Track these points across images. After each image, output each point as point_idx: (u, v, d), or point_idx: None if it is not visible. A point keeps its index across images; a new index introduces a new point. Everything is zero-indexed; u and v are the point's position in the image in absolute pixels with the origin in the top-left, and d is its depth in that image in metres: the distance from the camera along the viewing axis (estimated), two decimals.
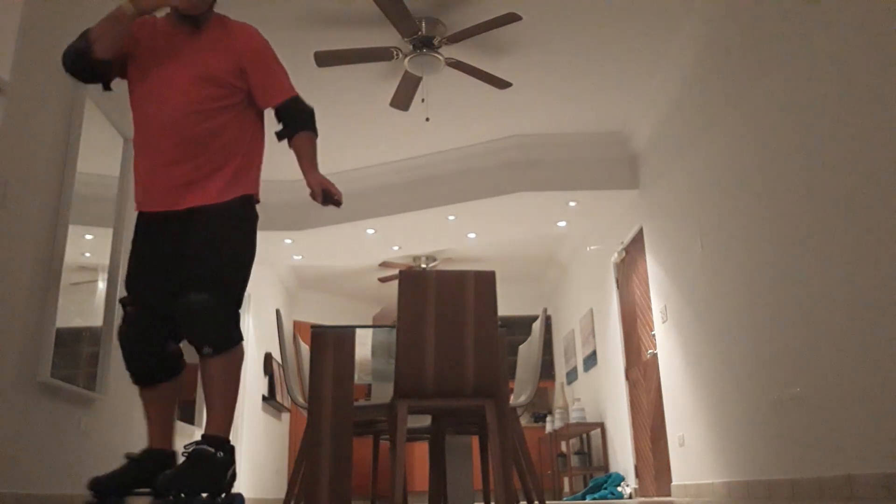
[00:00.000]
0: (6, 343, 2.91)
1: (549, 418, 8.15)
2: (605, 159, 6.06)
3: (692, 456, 4.81)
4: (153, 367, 2.28)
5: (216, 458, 2.09)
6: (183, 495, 1.99)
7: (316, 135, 2.48)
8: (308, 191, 6.63)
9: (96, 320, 3.77)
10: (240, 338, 2.27)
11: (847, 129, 3.01)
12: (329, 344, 3.09)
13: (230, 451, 2.16)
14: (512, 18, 4.16)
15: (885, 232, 2.76)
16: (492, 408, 2.66)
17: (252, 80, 2.39)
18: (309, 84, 5.12)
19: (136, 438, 4.28)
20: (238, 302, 2.28)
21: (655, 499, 5.50)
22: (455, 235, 7.03)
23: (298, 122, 2.43)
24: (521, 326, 9.45)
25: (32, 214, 3.15)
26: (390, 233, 6.88)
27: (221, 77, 2.33)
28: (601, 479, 6.50)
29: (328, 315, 9.88)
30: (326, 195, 2.39)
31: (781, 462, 3.57)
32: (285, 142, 2.47)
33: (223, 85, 2.33)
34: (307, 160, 2.43)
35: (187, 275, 2.20)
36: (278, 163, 6.27)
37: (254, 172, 2.42)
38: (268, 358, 7.98)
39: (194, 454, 2.07)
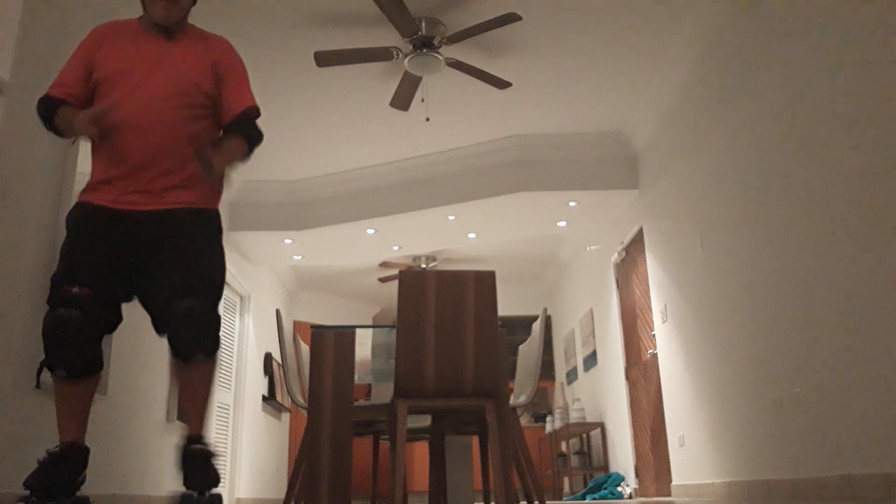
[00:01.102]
0: (6, 344, 2.91)
1: (549, 418, 8.16)
2: (605, 159, 6.06)
3: (692, 456, 4.81)
4: (89, 359, 2.16)
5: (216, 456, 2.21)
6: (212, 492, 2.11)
7: (249, 148, 2.39)
8: (308, 191, 6.65)
9: None
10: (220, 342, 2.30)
11: (847, 128, 3.01)
12: (329, 344, 3.09)
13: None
14: (512, 18, 4.15)
15: (885, 232, 2.77)
16: (492, 408, 2.66)
17: (225, 90, 2.41)
18: (309, 84, 5.12)
19: (136, 438, 4.28)
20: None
21: (655, 499, 5.50)
22: (455, 235, 7.03)
23: (243, 127, 2.40)
24: (521, 326, 9.45)
25: (32, 214, 3.15)
26: (390, 233, 6.88)
27: (200, 85, 2.35)
28: (601, 479, 6.50)
29: (328, 315, 9.88)
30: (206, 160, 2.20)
31: (781, 462, 3.57)
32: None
33: (200, 94, 2.35)
34: (227, 149, 2.31)
35: (182, 279, 2.18)
36: (277, 163, 6.27)
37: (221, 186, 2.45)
38: (268, 358, 7.98)
39: (204, 452, 2.15)
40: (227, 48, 2.47)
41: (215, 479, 2.14)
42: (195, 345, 2.17)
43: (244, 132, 2.38)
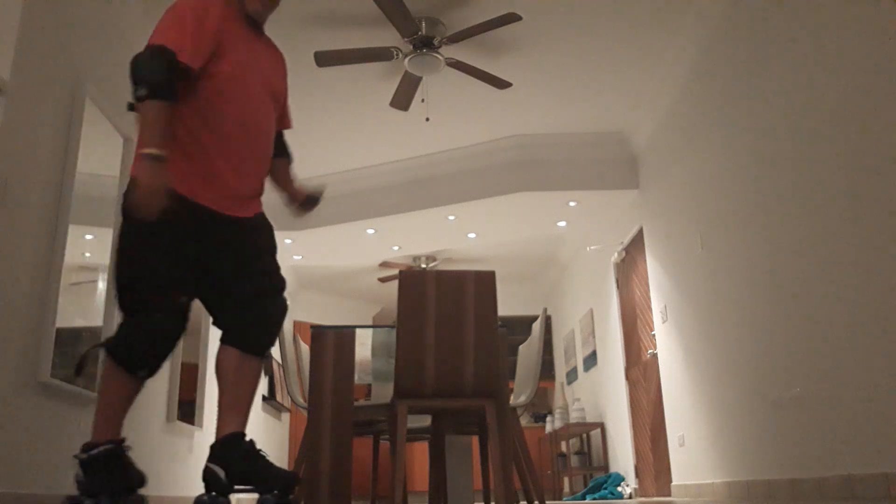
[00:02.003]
0: (6, 343, 2.91)
1: (549, 418, 8.15)
2: (605, 159, 6.06)
3: (692, 456, 4.81)
4: (162, 363, 2.15)
5: None
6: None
7: None
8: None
9: (96, 320, 3.77)
10: None
11: (847, 128, 3.01)
12: (329, 344, 3.09)
13: None
14: (512, 18, 4.15)
15: (885, 231, 2.76)
16: (492, 408, 2.66)
17: (283, 104, 2.48)
18: (309, 84, 5.12)
19: (136, 438, 4.28)
20: None
21: (655, 499, 5.50)
22: (455, 235, 7.03)
23: (288, 151, 2.55)
24: (521, 326, 9.45)
25: (32, 214, 3.15)
26: (390, 233, 6.88)
27: (283, 96, 2.42)
28: (601, 479, 6.50)
29: (328, 315, 9.88)
30: (310, 199, 2.49)
31: (781, 462, 3.57)
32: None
33: (280, 105, 2.41)
34: (293, 181, 2.54)
35: (268, 282, 2.26)
36: None
37: None
38: (268, 358, 7.97)
39: (256, 451, 2.19)
40: (285, 63, 2.52)
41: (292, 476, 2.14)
42: (269, 342, 2.28)
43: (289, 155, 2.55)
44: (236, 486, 2.11)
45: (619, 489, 6.26)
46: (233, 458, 2.13)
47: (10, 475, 2.90)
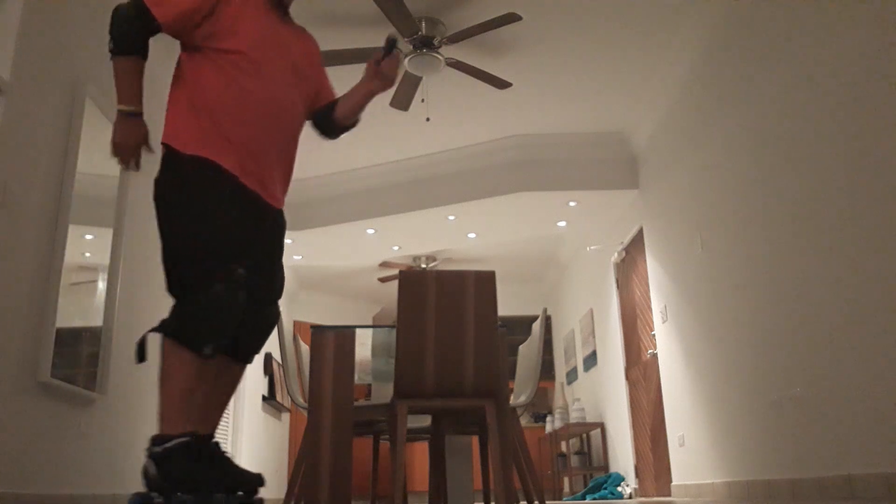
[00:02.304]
0: (6, 343, 2.91)
1: (549, 418, 8.15)
2: (605, 159, 6.06)
3: (692, 456, 4.81)
4: (226, 339, 1.99)
5: None
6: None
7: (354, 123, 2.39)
8: (308, 191, 6.64)
9: (96, 320, 3.77)
10: None
11: (847, 128, 3.01)
12: (329, 344, 3.09)
13: None
14: (512, 18, 4.15)
15: (884, 231, 2.77)
16: (492, 408, 2.66)
17: (324, 80, 2.33)
18: None
19: (136, 438, 4.28)
20: None
21: (655, 499, 5.50)
22: (455, 235, 7.03)
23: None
24: (521, 326, 9.45)
25: (32, 214, 3.15)
26: (390, 233, 6.88)
27: (314, 81, 2.27)
28: (601, 479, 6.50)
29: (328, 315, 9.88)
30: (386, 50, 2.18)
31: (781, 462, 3.57)
32: None
33: (312, 90, 2.27)
34: (355, 93, 2.28)
35: (277, 284, 2.16)
36: None
37: None
38: (268, 358, 7.98)
39: (222, 452, 2.04)
40: (317, 44, 2.38)
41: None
42: (258, 349, 2.15)
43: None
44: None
45: (619, 489, 6.26)
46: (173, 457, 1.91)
47: (10, 475, 2.90)
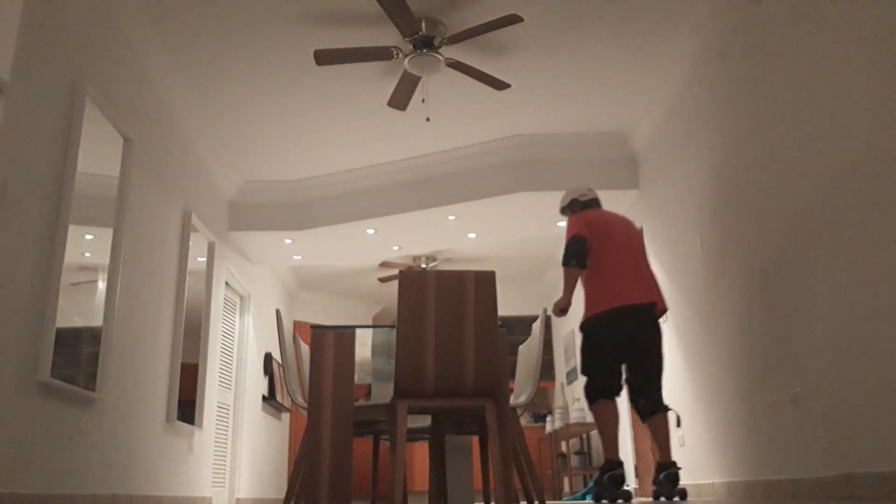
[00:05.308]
0: (6, 343, 2.91)
1: (549, 418, 8.16)
2: (605, 159, 6.06)
3: (692, 456, 4.81)
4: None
5: None
6: None
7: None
8: (308, 191, 6.65)
9: (96, 320, 3.77)
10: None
11: (848, 128, 3.01)
12: (329, 344, 3.10)
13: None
14: (513, 20, 4.15)
15: (885, 231, 2.77)
16: (492, 408, 2.66)
17: (641, 245, 4.43)
18: (309, 83, 5.12)
19: (136, 438, 4.28)
20: None
21: None
22: (455, 235, 7.03)
23: None
24: (521, 326, 9.45)
25: (32, 214, 3.15)
26: (390, 233, 6.88)
27: (636, 241, 4.25)
28: None
29: (328, 315, 9.88)
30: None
31: (781, 462, 3.57)
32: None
33: (638, 244, 4.26)
34: None
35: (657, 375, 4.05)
36: (277, 163, 6.27)
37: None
38: (268, 358, 7.98)
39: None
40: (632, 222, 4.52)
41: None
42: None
43: None
44: None
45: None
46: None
47: (10, 475, 2.90)
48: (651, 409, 3.91)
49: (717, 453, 4.38)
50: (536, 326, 3.60)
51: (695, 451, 4.77)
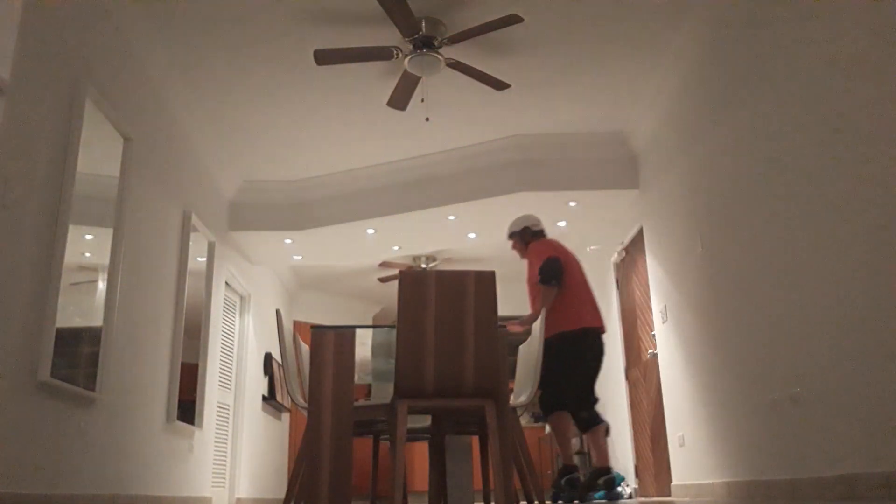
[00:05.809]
0: (6, 343, 2.91)
1: None
2: (605, 159, 6.06)
3: (692, 456, 4.81)
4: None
5: None
6: None
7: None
8: (308, 191, 6.64)
9: (96, 320, 3.77)
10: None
11: (848, 129, 3.01)
12: (329, 344, 3.10)
13: None
14: (514, 20, 4.15)
15: (885, 231, 2.77)
16: (492, 408, 2.66)
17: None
18: (309, 83, 5.12)
19: (136, 438, 4.28)
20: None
21: (655, 499, 5.50)
22: (455, 235, 7.03)
23: None
24: None
25: (32, 214, 3.15)
26: (390, 233, 6.88)
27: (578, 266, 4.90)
28: None
29: (328, 315, 9.88)
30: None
31: (781, 462, 3.57)
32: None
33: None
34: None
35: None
36: (277, 163, 6.27)
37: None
38: (268, 358, 7.98)
39: None
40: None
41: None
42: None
43: None
44: None
45: (619, 489, 6.26)
46: None
47: (10, 475, 2.90)
48: (594, 421, 4.42)
49: (717, 453, 4.38)
50: (536, 326, 3.60)
51: (695, 451, 4.76)
